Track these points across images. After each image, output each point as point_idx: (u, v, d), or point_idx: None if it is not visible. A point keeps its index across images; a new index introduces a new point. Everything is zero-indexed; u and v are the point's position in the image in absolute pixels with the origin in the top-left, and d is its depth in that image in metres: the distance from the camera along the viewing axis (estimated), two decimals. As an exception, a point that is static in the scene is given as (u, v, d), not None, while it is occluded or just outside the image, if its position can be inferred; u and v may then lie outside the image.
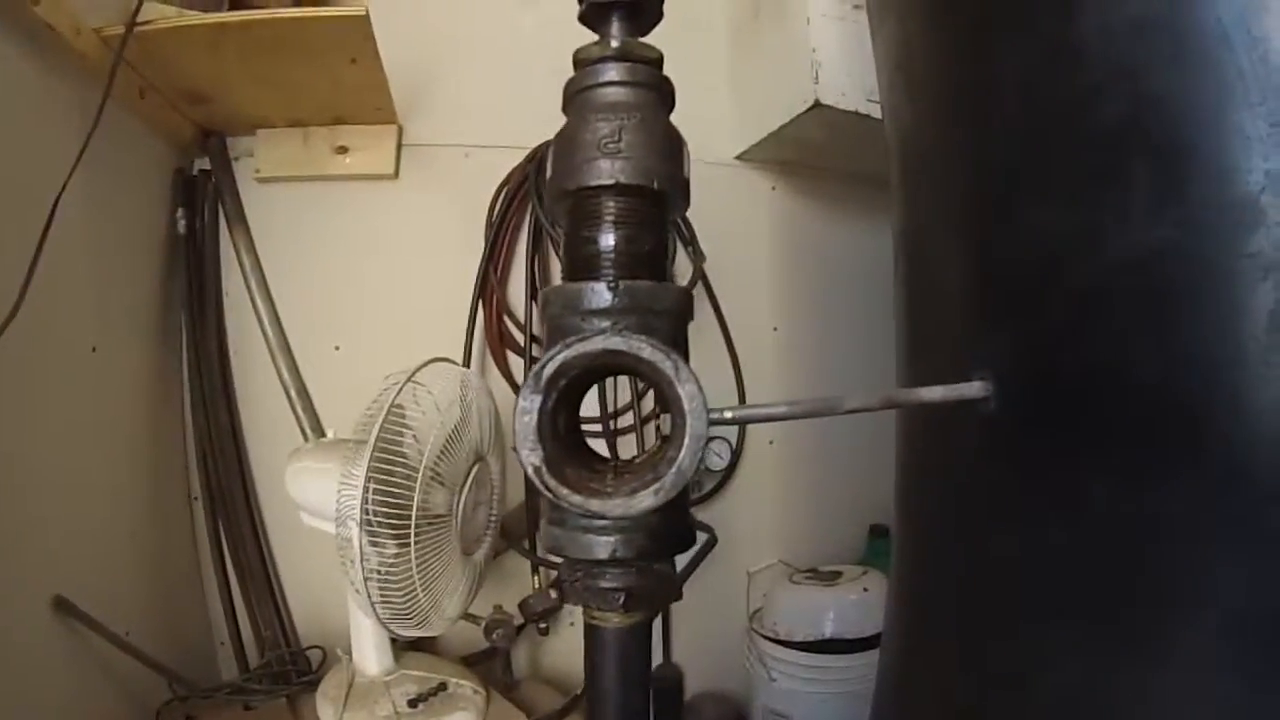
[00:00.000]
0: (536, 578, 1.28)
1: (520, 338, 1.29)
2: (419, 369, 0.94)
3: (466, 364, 1.25)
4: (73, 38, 0.90)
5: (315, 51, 1.06)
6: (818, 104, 1.17)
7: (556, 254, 1.27)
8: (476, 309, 1.27)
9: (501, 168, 1.31)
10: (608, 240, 0.45)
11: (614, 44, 0.47)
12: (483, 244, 1.28)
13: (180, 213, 1.25)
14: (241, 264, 1.27)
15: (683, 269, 1.35)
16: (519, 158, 1.31)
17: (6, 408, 0.82)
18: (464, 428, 0.94)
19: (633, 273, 0.45)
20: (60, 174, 0.86)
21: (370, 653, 1.02)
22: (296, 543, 1.25)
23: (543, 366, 0.40)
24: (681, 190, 0.49)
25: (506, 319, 1.30)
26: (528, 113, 1.33)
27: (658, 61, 0.48)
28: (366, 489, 0.83)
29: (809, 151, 1.40)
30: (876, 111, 1.17)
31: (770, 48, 1.32)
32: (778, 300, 1.45)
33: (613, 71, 0.47)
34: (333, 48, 1.05)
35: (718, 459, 1.35)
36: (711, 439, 1.30)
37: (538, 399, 0.40)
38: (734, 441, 1.37)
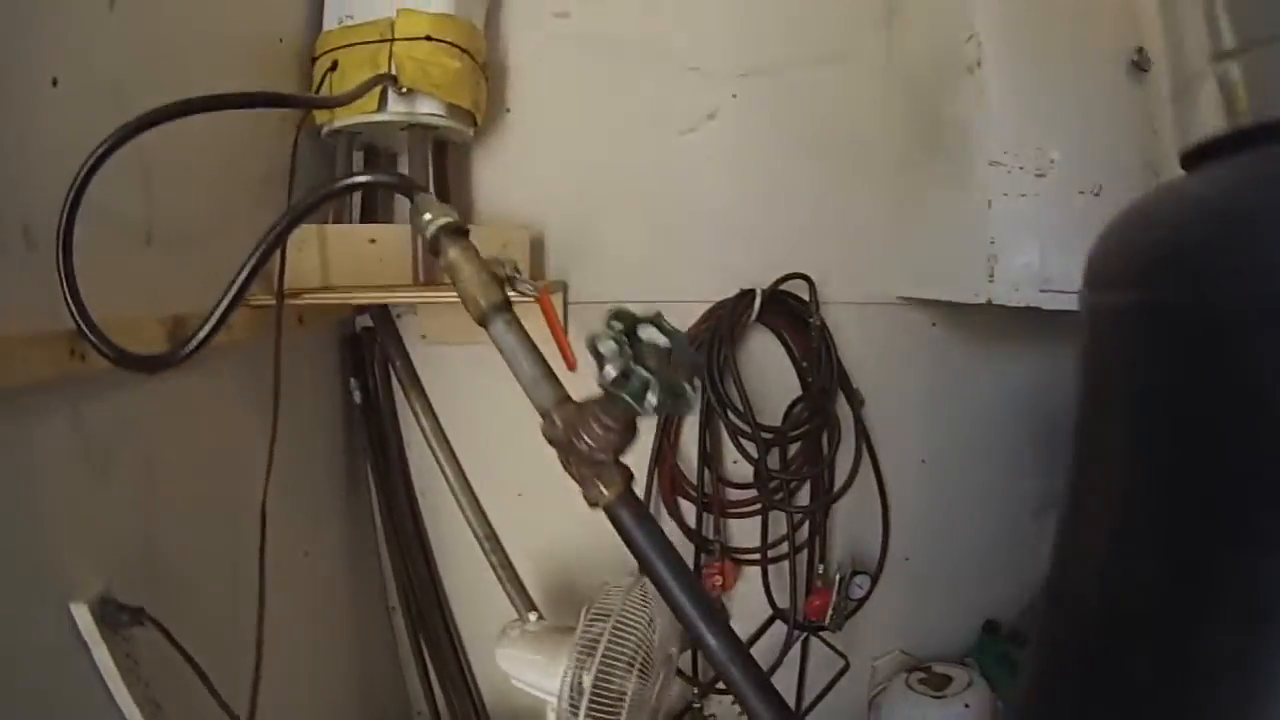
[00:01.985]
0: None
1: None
2: (634, 584, 1.08)
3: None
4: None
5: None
6: (990, 303, 1.21)
7: (722, 419, 1.36)
8: (655, 462, 1.37)
9: (670, 318, 1.36)
10: None
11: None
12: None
13: (354, 383, 1.35)
14: (420, 423, 1.35)
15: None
16: (687, 311, 1.37)
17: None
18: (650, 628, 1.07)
19: None
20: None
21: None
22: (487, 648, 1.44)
23: None
24: None
25: (679, 465, 1.41)
26: (694, 266, 1.40)
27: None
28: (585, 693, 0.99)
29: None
30: (1049, 303, 1.20)
31: (944, 205, 1.32)
32: (927, 432, 1.51)
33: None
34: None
35: (858, 589, 1.47)
36: (855, 574, 1.43)
37: None
38: (874, 573, 1.49)
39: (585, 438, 0.62)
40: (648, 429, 1.36)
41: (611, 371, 0.57)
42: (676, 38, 1.39)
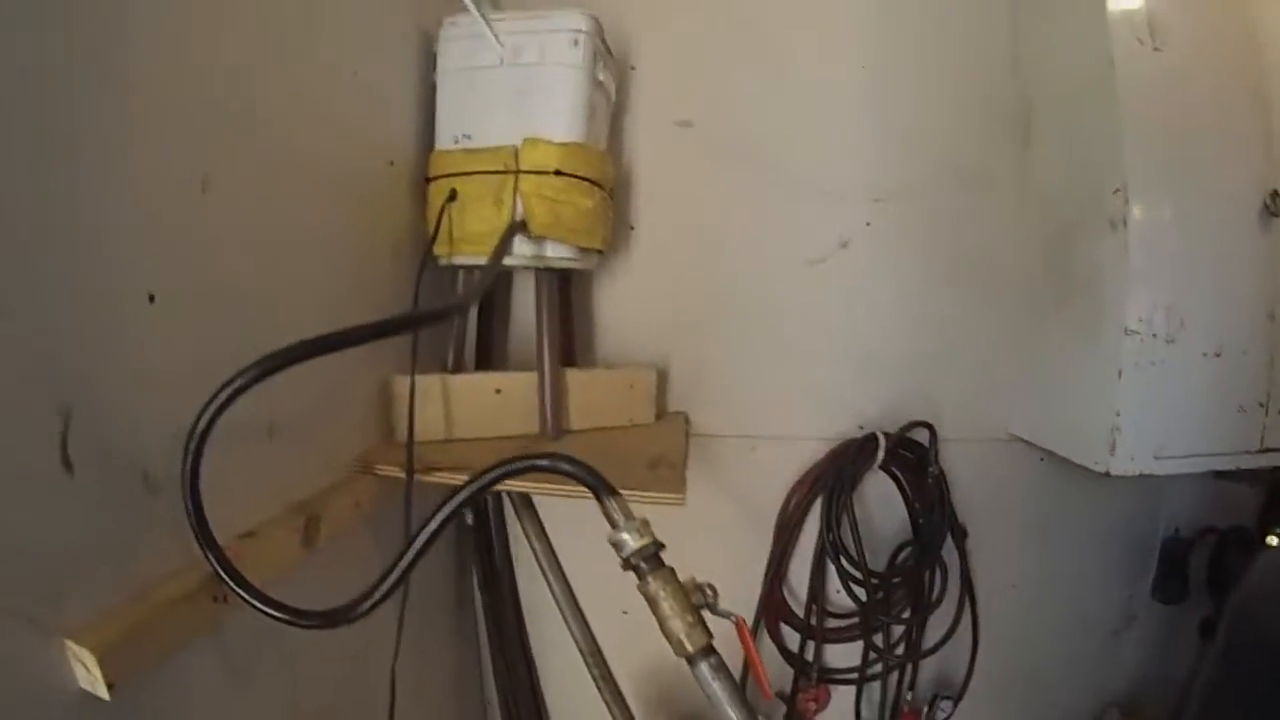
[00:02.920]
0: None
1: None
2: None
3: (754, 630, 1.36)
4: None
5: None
6: (1108, 474, 1.19)
7: (834, 562, 1.34)
8: (768, 588, 1.35)
9: (790, 459, 1.34)
10: None
11: None
12: (772, 531, 1.34)
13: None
14: (531, 543, 1.32)
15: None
16: (807, 449, 1.33)
17: None
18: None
19: None
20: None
21: None
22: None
23: None
24: None
25: (785, 593, 1.39)
26: (816, 401, 1.35)
27: None
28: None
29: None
30: (1162, 469, 1.20)
31: (1071, 358, 1.28)
32: (1021, 559, 1.50)
33: None
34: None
35: (942, 713, 1.49)
36: (940, 698, 1.45)
37: None
38: (958, 695, 1.50)
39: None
40: (756, 563, 1.34)
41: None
42: (807, 154, 1.30)
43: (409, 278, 1.11)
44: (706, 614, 0.69)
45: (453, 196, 1.11)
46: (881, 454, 1.27)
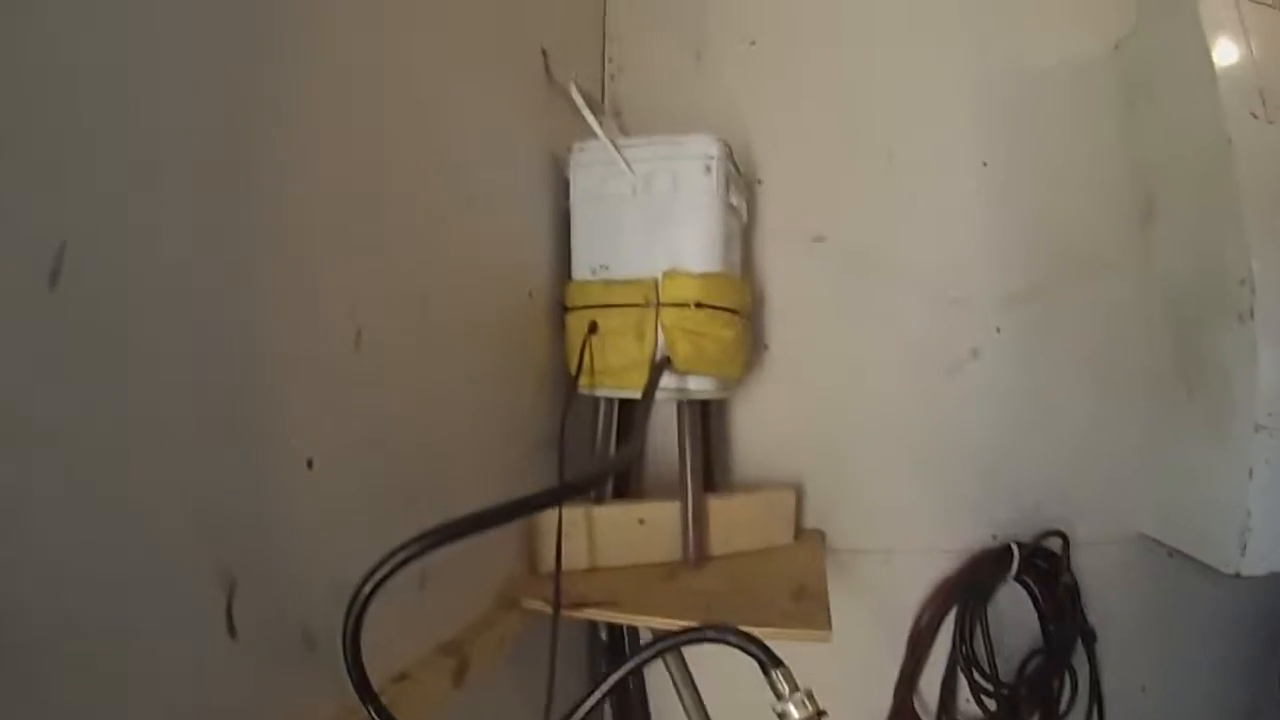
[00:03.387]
0: None
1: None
2: None
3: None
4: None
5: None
6: (1238, 575, 1.16)
7: (965, 674, 1.32)
8: (899, 700, 1.33)
9: (923, 570, 1.32)
10: None
11: None
12: (904, 645, 1.33)
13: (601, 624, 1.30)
14: (678, 691, 1.30)
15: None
16: (943, 560, 1.32)
17: None
18: None
19: None
20: None
21: None
22: None
23: None
24: None
25: (916, 704, 1.37)
26: (950, 512, 1.34)
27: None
28: None
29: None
30: None
31: (1200, 455, 1.25)
32: (1150, 659, 1.46)
33: None
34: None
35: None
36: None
37: None
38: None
39: None
40: (887, 676, 1.32)
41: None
42: (935, 261, 1.29)
43: (552, 410, 1.13)
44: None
45: (593, 329, 1.11)
46: (1016, 566, 1.25)
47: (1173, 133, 1.32)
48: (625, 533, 1.12)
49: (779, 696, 0.69)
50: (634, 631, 1.32)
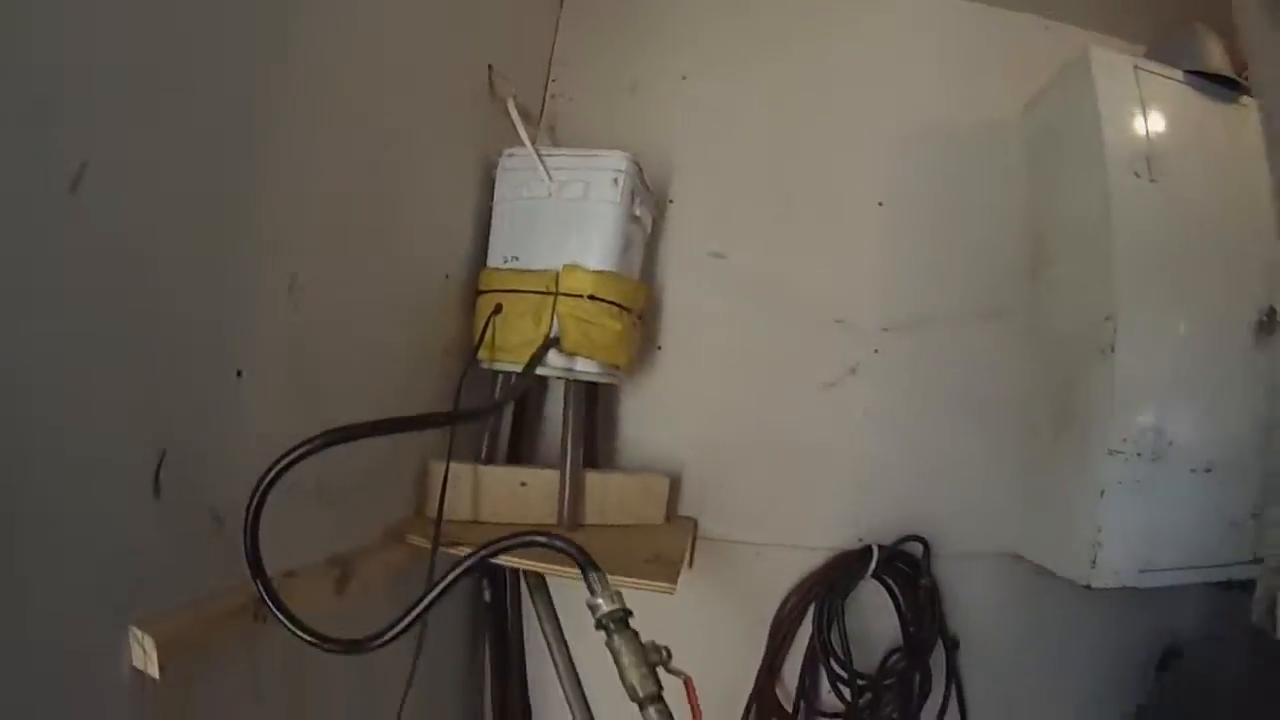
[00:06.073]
0: None
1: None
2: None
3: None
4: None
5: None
6: (1089, 587, 1.26)
7: (823, 663, 1.42)
8: (755, 692, 1.43)
9: (791, 566, 1.43)
10: None
11: None
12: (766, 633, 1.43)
13: (485, 583, 1.43)
14: (541, 625, 1.44)
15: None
16: (809, 557, 1.42)
17: None
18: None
19: None
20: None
21: None
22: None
23: None
24: None
25: (779, 691, 1.47)
26: (818, 514, 1.45)
27: None
28: None
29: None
30: (1145, 582, 1.26)
31: (1062, 483, 1.37)
32: (1015, 671, 1.51)
33: None
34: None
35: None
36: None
37: None
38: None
39: None
40: (752, 660, 1.42)
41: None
42: (825, 287, 1.43)
43: (454, 377, 1.27)
44: (662, 672, 0.79)
45: (498, 310, 1.26)
46: (874, 564, 1.36)
47: (1066, 189, 1.46)
48: (507, 492, 1.25)
49: (593, 593, 0.82)
50: (515, 588, 1.44)
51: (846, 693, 1.37)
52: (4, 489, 0.55)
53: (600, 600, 0.82)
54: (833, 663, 1.38)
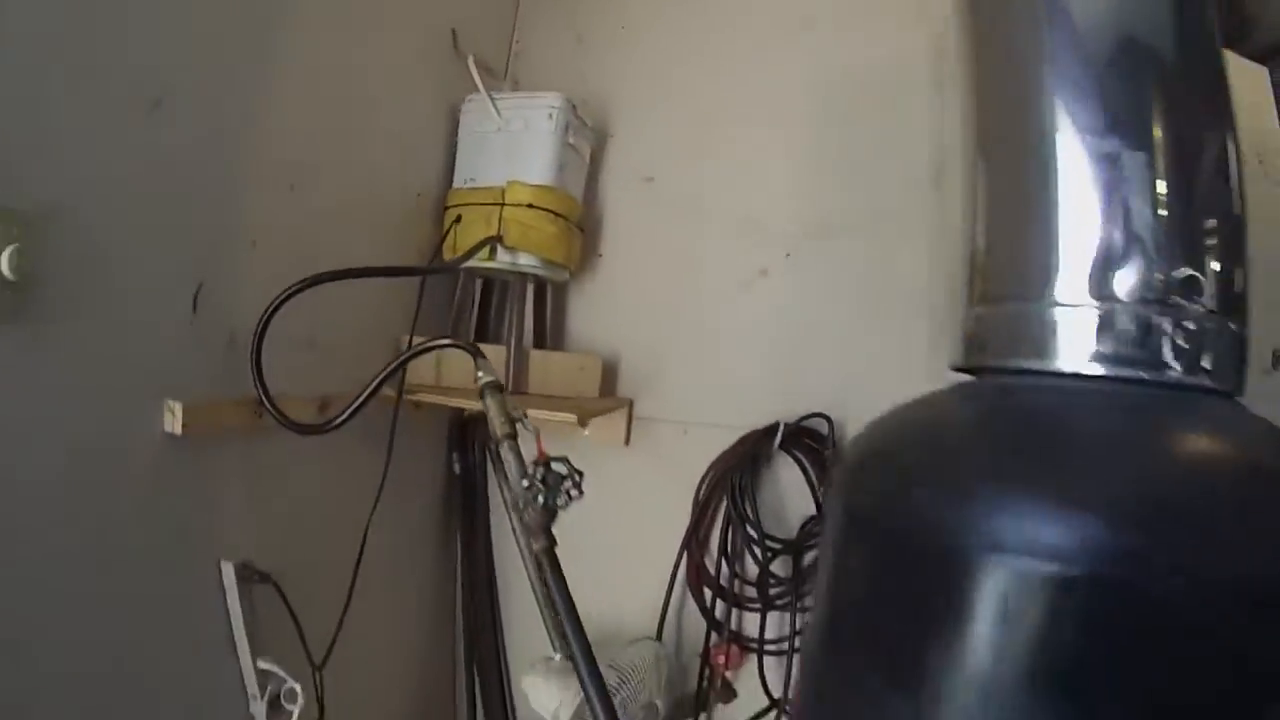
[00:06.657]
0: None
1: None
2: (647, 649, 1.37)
3: (669, 594, 1.65)
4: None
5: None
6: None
7: (738, 528, 1.61)
8: (681, 556, 1.64)
9: (714, 442, 1.62)
10: None
11: None
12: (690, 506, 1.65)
13: (455, 456, 1.70)
14: (503, 494, 1.70)
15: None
16: (729, 434, 1.60)
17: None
18: (648, 680, 1.41)
19: None
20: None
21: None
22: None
23: None
24: None
25: (706, 562, 1.67)
26: (738, 399, 1.66)
27: None
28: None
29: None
30: None
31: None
32: None
33: None
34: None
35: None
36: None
37: None
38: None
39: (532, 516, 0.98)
40: (679, 527, 1.63)
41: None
42: (742, 200, 1.65)
43: (427, 275, 1.57)
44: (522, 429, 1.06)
45: (459, 220, 1.56)
46: (779, 438, 1.56)
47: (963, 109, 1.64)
48: (463, 363, 1.52)
49: (479, 371, 1.11)
50: (483, 467, 1.72)
51: (758, 553, 1.56)
52: (93, 299, 0.89)
53: (481, 373, 1.10)
54: (747, 526, 1.57)
